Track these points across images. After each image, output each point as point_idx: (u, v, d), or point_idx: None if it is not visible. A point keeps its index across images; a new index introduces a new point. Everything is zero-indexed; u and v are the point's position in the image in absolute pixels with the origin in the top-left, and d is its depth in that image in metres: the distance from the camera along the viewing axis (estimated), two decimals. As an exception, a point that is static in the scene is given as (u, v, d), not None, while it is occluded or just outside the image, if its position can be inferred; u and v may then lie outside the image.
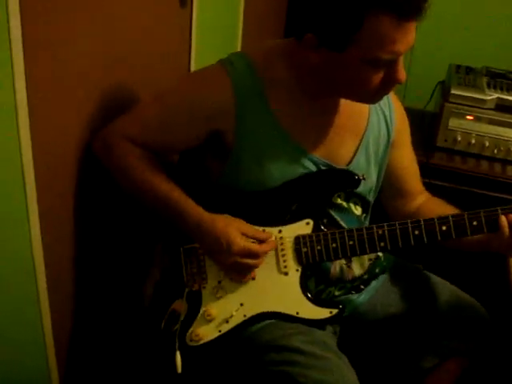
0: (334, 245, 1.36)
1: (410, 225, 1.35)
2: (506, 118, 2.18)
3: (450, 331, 1.55)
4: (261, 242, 1.35)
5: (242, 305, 1.38)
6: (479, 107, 2.19)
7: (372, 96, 1.31)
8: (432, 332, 1.56)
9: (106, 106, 1.44)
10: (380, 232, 1.36)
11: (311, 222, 1.38)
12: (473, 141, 2.22)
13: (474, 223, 1.34)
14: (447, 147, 2.25)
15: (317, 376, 1.27)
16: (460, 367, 1.58)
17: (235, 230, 1.32)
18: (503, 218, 1.32)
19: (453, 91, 2.19)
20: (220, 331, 1.38)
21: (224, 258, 1.32)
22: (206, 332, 1.38)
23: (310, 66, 1.29)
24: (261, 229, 1.37)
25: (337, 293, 1.50)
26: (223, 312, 1.38)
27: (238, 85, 1.33)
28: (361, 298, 1.56)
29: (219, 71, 1.35)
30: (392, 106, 1.52)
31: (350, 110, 1.42)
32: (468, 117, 2.19)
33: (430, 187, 2.06)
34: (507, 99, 2.19)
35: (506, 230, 1.32)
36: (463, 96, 2.19)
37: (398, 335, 1.58)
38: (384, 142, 1.51)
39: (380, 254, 1.57)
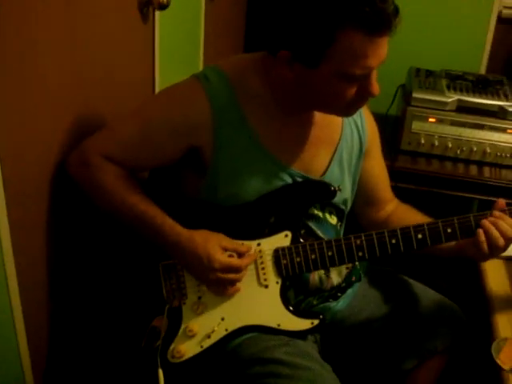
0: (313, 256, 1.38)
1: (386, 234, 1.37)
2: (467, 118, 2.24)
3: (427, 332, 1.58)
4: (241, 255, 1.35)
5: (223, 319, 1.38)
6: (441, 109, 2.24)
7: (346, 109, 1.33)
8: (410, 333, 1.58)
9: (74, 124, 1.42)
10: (358, 242, 1.37)
11: (290, 234, 1.39)
12: (436, 143, 2.27)
13: (449, 230, 1.37)
14: (411, 150, 2.30)
15: None
16: (439, 365, 1.62)
17: (215, 245, 1.32)
18: (480, 229, 1.36)
19: (414, 94, 2.24)
20: (202, 346, 1.38)
21: (205, 275, 1.32)
22: (187, 348, 1.37)
23: (285, 81, 1.29)
24: (240, 242, 1.38)
25: (315, 302, 1.51)
26: (204, 327, 1.38)
27: (214, 99, 1.33)
28: (338, 304, 1.57)
29: (195, 86, 1.34)
30: (363, 116, 1.54)
31: (323, 121, 1.44)
32: (430, 119, 2.24)
33: (396, 190, 2.09)
34: (467, 100, 2.24)
35: (482, 237, 1.36)
36: (425, 99, 2.24)
37: (377, 339, 1.60)
38: (357, 152, 1.53)
39: (356, 262, 1.58)
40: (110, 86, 1.60)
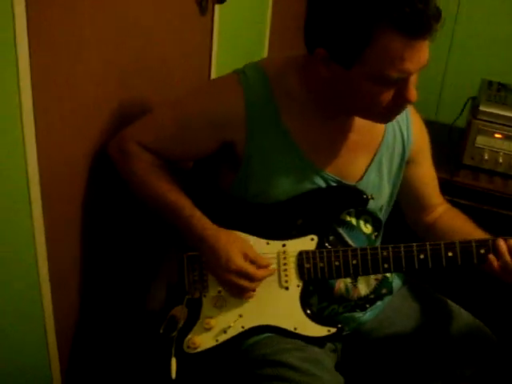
0: (336, 263, 1.35)
1: (415, 248, 1.33)
2: (537, 137, 2.12)
3: (456, 356, 1.52)
4: (259, 267, 1.33)
5: (240, 316, 1.37)
6: (508, 125, 2.13)
7: (382, 116, 1.29)
8: (437, 356, 1.53)
9: (121, 113, 1.46)
10: (384, 253, 1.33)
11: (316, 239, 1.37)
12: (500, 160, 2.16)
13: (482, 251, 1.31)
14: (474, 165, 2.20)
15: None
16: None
17: (236, 249, 1.31)
18: (502, 243, 1.31)
19: (481, 108, 2.14)
20: (217, 341, 1.37)
21: (221, 274, 1.32)
22: (203, 340, 1.38)
23: (322, 82, 1.27)
24: (265, 241, 1.37)
25: (340, 310, 1.48)
26: (222, 322, 1.37)
27: (250, 96, 1.32)
28: (365, 316, 1.54)
29: (232, 81, 1.34)
30: (410, 123, 1.49)
31: (363, 126, 1.40)
32: (496, 135, 2.14)
33: (453, 206, 2.02)
34: (538, 118, 2.13)
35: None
36: (492, 113, 2.14)
37: (403, 356, 1.55)
38: (398, 159, 1.48)
39: (388, 274, 1.54)
40: (164, 77, 1.63)
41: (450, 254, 1.32)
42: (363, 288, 1.48)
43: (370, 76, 1.19)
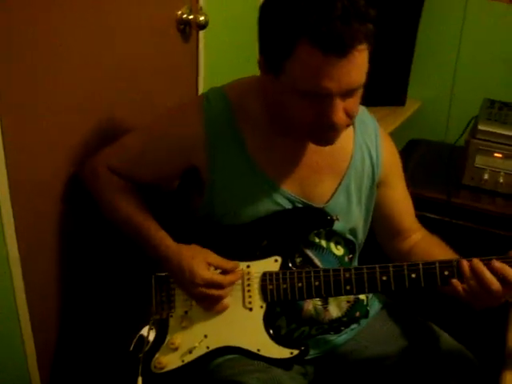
0: (299, 284, 1.34)
1: (378, 270, 1.31)
2: (538, 156, 2.07)
3: (437, 381, 1.47)
4: (226, 272, 1.35)
5: (205, 336, 1.38)
6: (508, 144, 2.09)
7: (312, 134, 1.28)
8: (417, 381, 1.49)
9: (98, 137, 1.52)
10: (347, 275, 1.32)
11: (280, 260, 1.37)
12: (501, 180, 2.11)
13: (446, 273, 1.29)
14: (474, 185, 2.16)
15: None
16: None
17: (200, 261, 1.33)
18: (466, 269, 1.26)
19: (480, 127, 2.11)
20: (183, 361, 1.38)
21: (189, 289, 1.33)
22: (169, 360, 1.38)
23: (267, 94, 1.30)
24: (227, 260, 1.37)
25: (313, 332, 1.47)
26: (187, 342, 1.38)
27: (211, 121, 1.34)
28: (340, 338, 1.52)
29: (194, 106, 1.37)
30: (379, 144, 1.48)
31: (331, 148, 1.39)
32: (496, 154, 2.10)
33: (451, 227, 1.99)
34: (538, 137, 2.08)
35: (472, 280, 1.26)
36: (491, 132, 2.10)
37: (380, 380, 1.53)
38: (368, 181, 1.47)
39: (362, 296, 1.52)
40: (147, 104, 1.67)
41: (413, 275, 1.29)
42: (334, 310, 1.46)
43: (293, 88, 1.19)
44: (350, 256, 1.52)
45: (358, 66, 1.16)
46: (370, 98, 2.50)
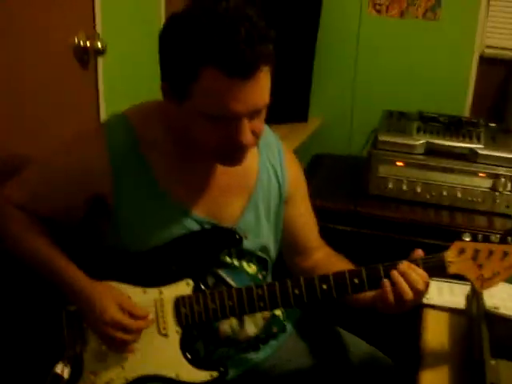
0: (213, 305, 1.33)
1: (289, 284, 1.32)
2: (437, 162, 2.16)
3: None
4: (135, 317, 1.32)
5: (122, 368, 1.35)
6: (408, 153, 2.17)
7: (221, 156, 1.29)
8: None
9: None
10: (260, 292, 1.33)
11: (191, 283, 1.36)
12: (404, 187, 2.19)
13: (356, 281, 1.31)
14: (379, 194, 2.23)
15: None
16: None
17: (111, 300, 1.30)
18: (385, 280, 1.29)
19: (380, 138, 2.19)
20: (102, 395, 1.34)
21: (97, 326, 1.30)
22: (88, 397, 1.34)
23: (170, 118, 1.30)
24: (142, 290, 1.35)
25: (231, 352, 1.47)
26: (104, 376, 1.35)
27: (114, 147, 1.32)
28: (260, 355, 1.52)
29: (95, 134, 1.35)
30: (283, 163, 1.50)
31: (236, 169, 1.39)
32: (398, 163, 2.18)
33: (359, 237, 2.04)
34: (436, 143, 2.17)
35: (389, 287, 1.29)
36: (391, 142, 2.18)
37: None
38: (276, 199, 1.49)
39: (277, 312, 1.53)
40: (44, 132, 1.63)
41: (324, 286, 1.31)
42: (251, 328, 1.46)
43: (200, 112, 1.20)
44: (264, 273, 1.52)
45: (262, 86, 1.19)
46: (273, 116, 2.55)
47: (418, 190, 2.18)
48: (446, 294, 1.64)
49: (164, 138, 1.35)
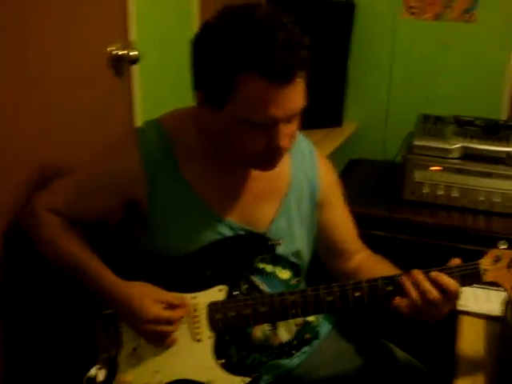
0: (246, 311, 1.34)
1: (322, 291, 1.32)
2: (473, 166, 2.13)
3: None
4: (174, 307, 1.33)
5: (156, 372, 1.36)
6: (444, 157, 2.14)
7: (259, 162, 1.30)
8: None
9: (33, 179, 1.50)
10: (292, 298, 1.33)
11: (224, 289, 1.36)
12: (440, 192, 2.17)
13: (388, 288, 1.30)
14: (415, 200, 2.21)
15: None
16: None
17: (149, 298, 1.31)
18: (406, 282, 1.28)
19: (415, 142, 2.17)
20: (136, 399, 1.36)
21: (139, 326, 1.32)
22: (122, 400, 1.36)
23: (205, 126, 1.31)
24: (175, 295, 1.36)
25: (264, 359, 1.47)
26: (139, 379, 1.36)
27: (147, 152, 1.35)
28: (292, 362, 1.53)
29: (129, 141, 1.38)
30: (316, 167, 1.50)
31: (268, 173, 1.41)
32: (433, 168, 2.15)
33: (395, 242, 2.02)
34: (472, 147, 2.14)
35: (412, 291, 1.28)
36: (426, 146, 2.16)
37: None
38: (308, 203, 1.49)
39: (311, 318, 1.53)
40: (80, 141, 1.66)
41: (356, 293, 1.31)
42: (284, 334, 1.47)
43: (239, 119, 1.21)
44: (297, 279, 1.52)
45: (299, 91, 1.21)
46: (308, 121, 2.55)
47: (454, 194, 2.15)
48: (482, 301, 1.63)
49: (197, 143, 1.36)
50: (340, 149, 2.61)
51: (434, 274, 1.28)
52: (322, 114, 2.62)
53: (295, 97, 1.19)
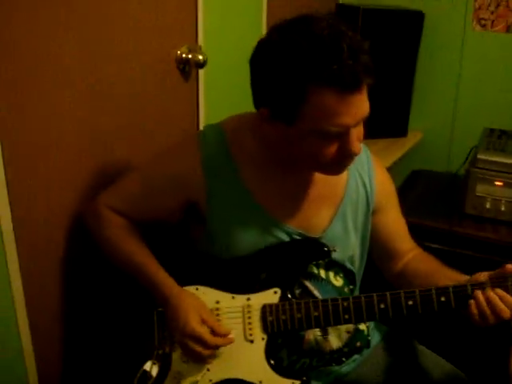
0: (298, 315, 1.35)
1: (375, 298, 1.32)
2: (537, 182, 2.08)
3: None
4: (216, 334, 1.34)
5: (208, 370, 1.39)
6: (508, 172, 2.10)
7: (330, 168, 1.32)
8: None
9: (98, 178, 1.56)
10: (345, 304, 1.34)
11: (279, 292, 1.38)
12: (503, 208, 2.13)
13: (442, 299, 1.30)
14: (476, 214, 2.17)
15: None
16: None
17: (196, 314, 1.34)
18: (472, 303, 1.28)
19: (479, 156, 2.13)
20: (187, 395, 1.39)
21: (177, 335, 1.34)
22: (174, 395, 1.40)
23: (271, 138, 1.32)
24: (231, 296, 1.39)
25: (314, 364, 1.48)
26: (190, 376, 1.39)
27: (208, 156, 1.38)
28: (343, 368, 1.53)
29: (190, 142, 1.41)
30: (372, 172, 1.51)
31: (324, 179, 1.42)
32: (497, 182, 2.11)
33: (454, 257, 2.00)
34: (536, 163, 2.09)
35: (475, 310, 1.27)
36: (491, 161, 2.12)
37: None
38: (363, 209, 1.50)
39: (362, 326, 1.53)
40: (147, 142, 1.71)
41: (410, 302, 1.31)
42: (335, 341, 1.48)
43: (311, 131, 1.23)
44: (351, 287, 1.53)
45: (366, 97, 1.23)
46: (373, 130, 2.54)
47: (518, 211, 2.11)
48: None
49: (256, 150, 1.39)
50: (403, 159, 2.60)
51: (500, 292, 1.28)
52: (387, 123, 2.61)
53: (363, 102, 1.22)
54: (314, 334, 1.45)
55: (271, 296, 1.39)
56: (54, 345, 1.54)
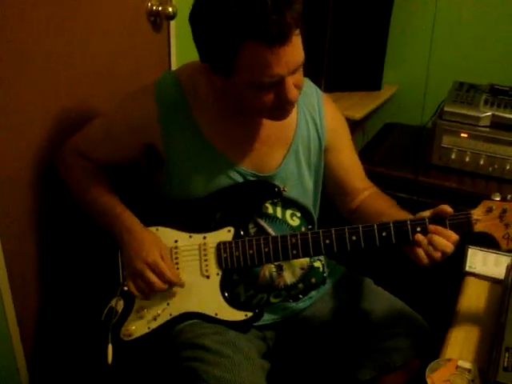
0: (250, 251, 1.44)
1: (321, 234, 1.40)
2: (502, 135, 2.14)
3: (386, 344, 1.57)
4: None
5: (168, 304, 1.48)
6: (473, 124, 2.16)
7: (272, 114, 1.39)
8: (368, 344, 1.59)
9: (69, 124, 1.64)
10: (293, 240, 1.41)
11: (232, 230, 1.47)
12: (467, 159, 2.19)
13: (384, 234, 1.37)
14: (442, 165, 2.24)
15: (216, 373, 1.36)
16: (401, 380, 1.59)
17: (157, 249, 1.44)
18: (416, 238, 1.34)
19: (446, 108, 2.18)
20: (149, 328, 1.48)
21: (135, 261, 1.42)
22: (136, 328, 1.49)
23: (217, 88, 1.40)
24: (188, 235, 1.48)
25: (272, 299, 1.57)
26: (152, 310, 1.48)
27: (163, 101, 1.45)
28: (299, 305, 1.62)
29: (147, 89, 1.48)
30: (322, 111, 1.58)
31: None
32: (462, 134, 2.17)
33: (420, 206, 2.08)
34: (502, 116, 2.14)
35: (419, 251, 1.34)
36: (457, 113, 2.17)
37: (337, 345, 1.63)
38: (315, 147, 1.57)
39: (317, 264, 1.62)
40: (117, 91, 1.77)
41: (353, 237, 1.38)
42: (289, 276, 1.57)
43: (248, 83, 1.30)
44: (309, 227, 1.61)
45: (298, 45, 1.28)
46: (348, 83, 2.58)
47: (481, 162, 2.17)
48: (491, 265, 1.66)
49: (208, 94, 1.46)
50: (378, 112, 2.65)
51: (433, 228, 1.34)
52: (361, 76, 2.64)
53: (294, 52, 1.27)
54: (269, 270, 1.53)
55: (225, 234, 1.47)
56: (30, 287, 1.66)
